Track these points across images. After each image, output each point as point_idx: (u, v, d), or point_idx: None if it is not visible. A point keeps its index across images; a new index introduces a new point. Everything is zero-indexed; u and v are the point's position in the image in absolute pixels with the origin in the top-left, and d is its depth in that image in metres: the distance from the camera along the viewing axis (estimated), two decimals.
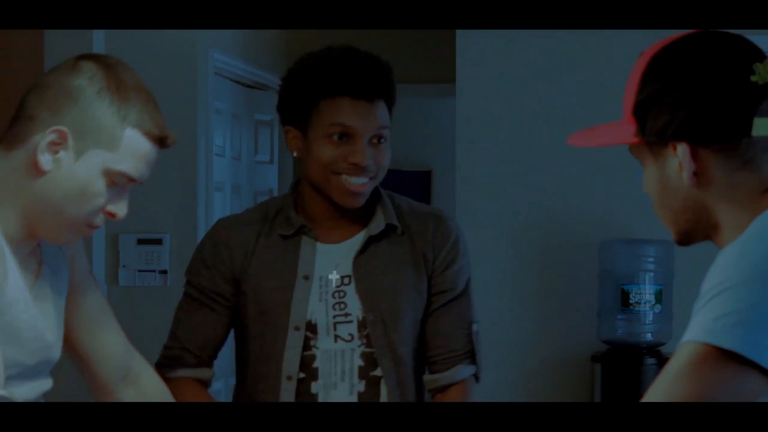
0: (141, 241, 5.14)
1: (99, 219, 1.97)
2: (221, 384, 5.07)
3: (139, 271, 5.16)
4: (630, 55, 1.70)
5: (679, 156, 1.59)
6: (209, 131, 5.32)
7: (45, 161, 1.91)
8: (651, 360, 4.00)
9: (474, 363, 2.55)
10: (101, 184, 1.93)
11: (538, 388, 4.27)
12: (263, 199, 6.18)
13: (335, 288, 2.48)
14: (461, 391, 2.53)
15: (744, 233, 1.54)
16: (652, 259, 4.10)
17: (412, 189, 7.57)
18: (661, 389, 1.49)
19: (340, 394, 2.47)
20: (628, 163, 1.90)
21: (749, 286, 1.46)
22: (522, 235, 4.29)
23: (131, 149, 1.94)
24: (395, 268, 2.49)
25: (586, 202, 4.26)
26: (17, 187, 1.93)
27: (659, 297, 4.05)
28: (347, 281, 2.48)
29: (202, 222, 5.16)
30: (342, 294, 2.48)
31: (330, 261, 2.49)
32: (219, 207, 5.55)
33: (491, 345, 4.21)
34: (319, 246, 2.49)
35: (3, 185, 1.94)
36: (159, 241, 5.14)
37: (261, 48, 6.06)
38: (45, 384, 2.05)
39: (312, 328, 2.46)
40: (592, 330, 4.16)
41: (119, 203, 1.97)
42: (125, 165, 1.94)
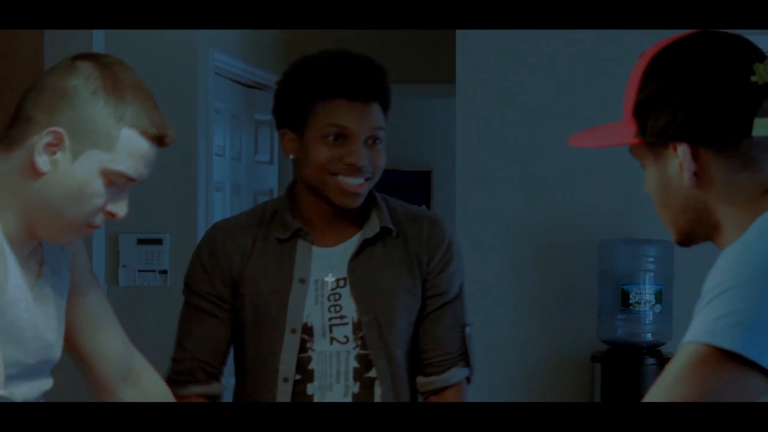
0: (141, 241, 5.13)
1: (99, 219, 1.97)
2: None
3: (139, 271, 5.15)
4: (630, 55, 1.70)
5: (680, 156, 1.59)
6: (209, 131, 5.32)
7: (42, 162, 1.91)
8: (651, 360, 4.00)
9: (468, 365, 2.57)
10: (99, 184, 1.93)
11: (538, 388, 4.27)
12: (263, 199, 6.20)
13: (330, 291, 2.49)
14: (457, 394, 2.55)
15: (745, 234, 1.54)
16: (652, 259, 4.09)
17: (412, 189, 7.57)
18: (662, 389, 1.49)
19: (335, 395, 2.48)
20: (628, 163, 1.90)
21: (750, 286, 1.46)
22: (522, 235, 4.28)
23: (128, 149, 1.93)
24: (390, 270, 2.50)
25: (585, 201, 4.25)
26: (16, 189, 1.93)
27: (659, 297, 4.05)
28: (342, 284, 2.49)
29: (202, 222, 5.16)
30: (337, 296, 2.49)
31: (325, 264, 2.50)
32: (219, 207, 5.55)
33: (491, 345, 4.21)
34: (315, 249, 2.50)
35: (2, 187, 1.94)
36: (159, 241, 5.14)
37: (261, 48, 6.05)
38: (45, 384, 2.05)
39: (308, 330, 2.47)
40: (592, 330, 4.15)
41: (119, 203, 1.97)
42: (123, 165, 1.93)
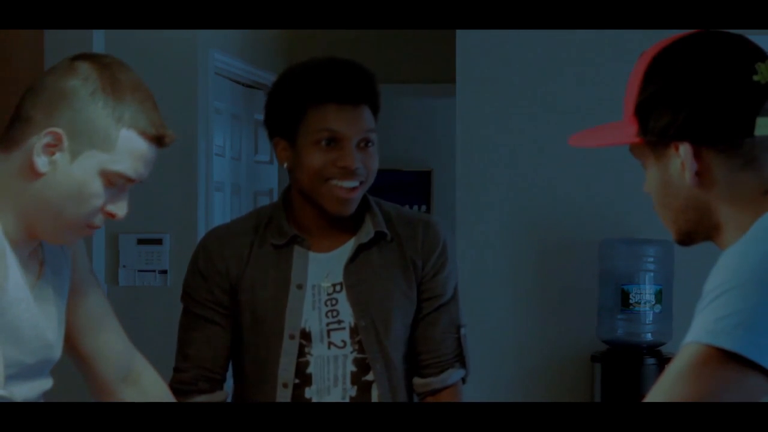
0: (141, 241, 5.13)
1: (98, 219, 1.97)
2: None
3: (139, 271, 5.15)
4: (630, 55, 1.70)
5: (682, 156, 1.59)
6: (209, 131, 5.32)
7: (41, 163, 1.91)
8: (651, 360, 3.99)
9: (464, 366, 2.60)
10: (98, 184, 1.93)
11: (538, 388, 4.26)
12: (263, 199, 6.21)
13: (327, 296, 2.50)
14: (453, 394, 2.58)
15: (746, 234, 1.54)
16: (652, 259, 4.09)
17: (412, 189, 7.57)
18: (663, 390, 1.49)
19: (333, 398, 2.50)
20: (628, 163, 1.90)
21: (751, 287, 1.46)
22: (522, 235, 4.28)
23: (127, 149, 1.93)
24: (385, 274, 2.52)
25: (586, 202, 4.25)
26: (15, 189, 1.93)
27: (659, 297, 4.05)
28: (339, 289, 2.51)
29: (202, 222, 5.16)
30: (334, 301, 2.50)
31: (322, 269, 2.51)
32: (219, 207, 5.54)
33: (491, 345, 4.21)
34: (311, 255, 2.51)
35: (2, 187, 1.94)
36: (159, 241, 5.14)
37: (261, 48, 6.05)
38: (45, 384, 2.05)
39: (306, 335, 2.48)
40: (592, 330, 4.15)
41: (118, 203, 1.97)
42: (122, 165, 1.93)
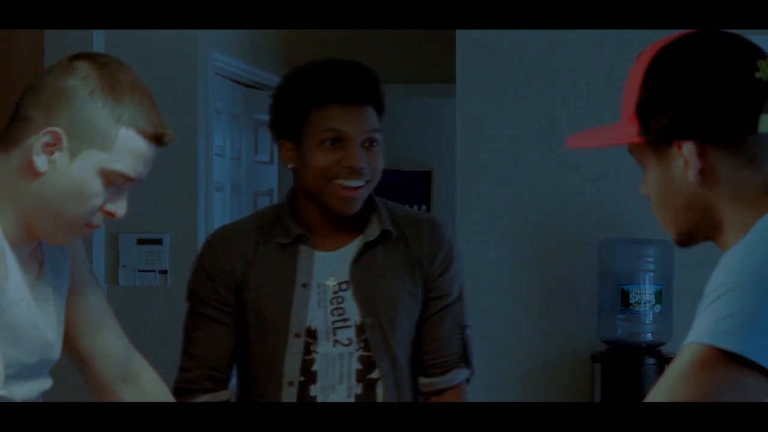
0: (141, 241, 5.13)
1: (98, 219, 1.97)
2: None
3: (139, 271, 5.15)
4: (630, 55, 1.70)
5: (685, 154, 1.58)
6: (209, 131, 5.32)
7: (40, 162, 1.91)
8: (651, 360, 3.99)
9: (468, 366, 2.61)
10: (98, 183, 1.93)
11: (538, 388, 4.26)
12: (263, 199, 6.21)
13: (333, 294, 2.50)
14: (458, 394, 2.59)
15: (747, 235, 1.54)
16: (652, 259, 4.09)
17: (412, 189, 7.57)
18: (663, 390, 1.49)
19: (338, 396, 2.50)
20: (628, 163, 1.89)
21: (752, 288, 1.46)
22: (522, 235, 4.28)
23: (127, 148, 1.93)
24: (391, 273, 2.53)
25: (586, 201, 4.25)
26: (15, 189, 1.93)
27: (659, 297, 4.05)
28: (345, 287, 2.51)
29: (202, 222, 5.16)
30: (340, 300, 2.51)
31: (327, 268, 2.52)
32: (219, 207, 5.55)
33: (491, 345, 4.21)
34: (317, 254, 2.52)
35: (1, 187, 1.94)
36: (159, 241, 5.14)
37: (261, 48, 6.05)
38: (44, 383, 2.05)
39: (312, 334, 2.49)
40: (592, 330, 4.15)
41: (118, 202, 1.97)
42: (121, 164, 1.93)
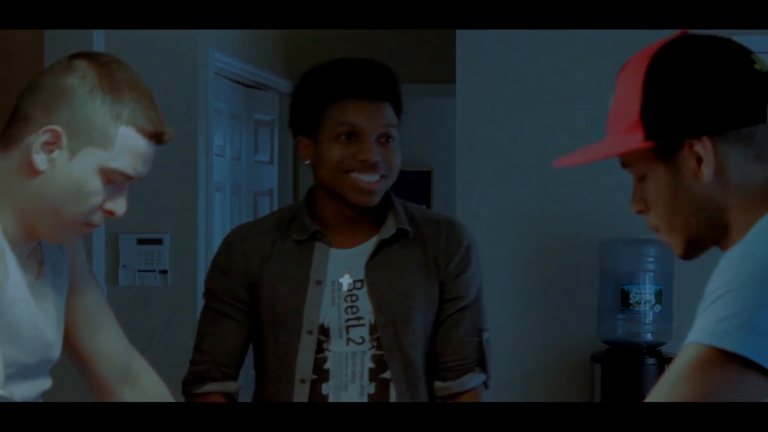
0: (141, 241, 5.13)
1: (97, 217, 1.97)
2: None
3: (139, 271, 5.15)
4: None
5: (699, 152, 1.58)
6: (209, 131, 5.31)
7: (40, 161, 1.91)
8: (651, 360, 3.99)
9: (485, 371, 2.58)
10: (97, 182, 1.93)
11: (538, 388, 4.27)
12: (263, 199, 6.21)
13: (347, 292, 2.50)
14: (473, 398, 2.56)
15: (747, 235, 1.54)
16: (652, 259, 4.09)
17: (412, 189, 7.56)
18: (664, 391, 1.49)
19: (350, 395, 2.49)
20: None
21: (752, 288, 1.46)
22: (522, 235, 4.28)
23: (126, 147, 1.93)
24: (406, 272, 2.52)
25: (586, 202, 4.25)
26: (14, 188, 1.93)
27: (659, 297, 4.05)
28: (359, 285, 2.51)
29: (202, 222, 5.16)
30: (354, 298, 2.50)
31: (342, 266, 2.52)
32: (219, 207, 5.54)
33: (491, 345, 4.20)
34: (332, 251, 2.52)
35: (1, 186, 1.94)
36: (159, 241, 5.14)
37: (261, 48, 6.05)
38: (44, 383, 2.05)
39: (324, 331, 2.49)
40: (592, 330, 4.15)
41: (117, 201, 1.97)
42: (120, 163, 1.93)
